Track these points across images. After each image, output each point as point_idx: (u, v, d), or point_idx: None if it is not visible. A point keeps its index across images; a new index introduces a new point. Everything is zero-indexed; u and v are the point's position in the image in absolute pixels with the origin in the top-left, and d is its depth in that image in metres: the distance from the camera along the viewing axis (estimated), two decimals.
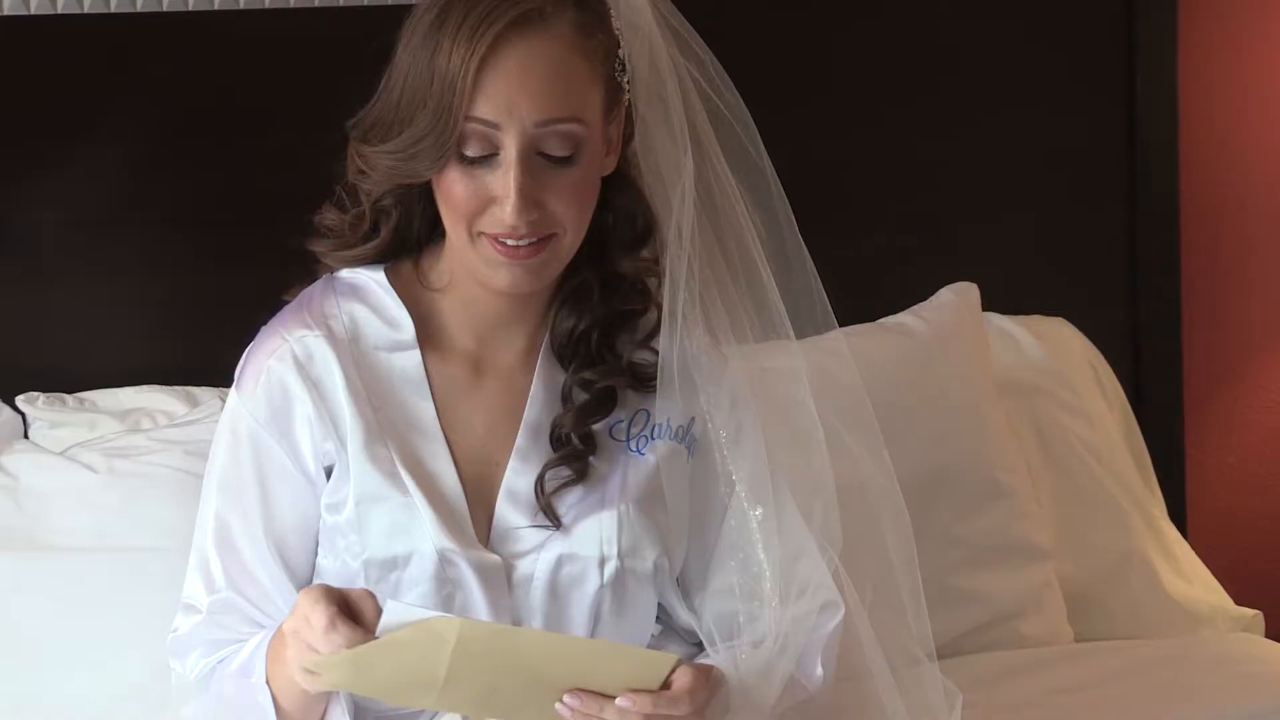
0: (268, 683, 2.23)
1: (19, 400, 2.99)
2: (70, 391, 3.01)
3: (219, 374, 2.47)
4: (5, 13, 2.98)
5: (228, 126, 3.07)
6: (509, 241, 2.21)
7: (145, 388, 3.02)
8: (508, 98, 2.17)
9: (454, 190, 2.22)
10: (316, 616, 2.09)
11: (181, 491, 2.73)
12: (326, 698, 2.25)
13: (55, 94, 3.01)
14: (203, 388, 3.00)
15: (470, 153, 2.20)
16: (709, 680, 2.17)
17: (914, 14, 3.43)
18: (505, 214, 2.19)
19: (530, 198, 2.19)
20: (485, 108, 2.18)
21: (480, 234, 2.23)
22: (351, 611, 2.10)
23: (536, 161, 2.20)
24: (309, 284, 2.40)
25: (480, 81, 2.17)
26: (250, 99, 3.08)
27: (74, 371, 3.03)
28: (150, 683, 2.59)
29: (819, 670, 2.29)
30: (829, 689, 2.31)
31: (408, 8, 2.27)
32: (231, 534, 2.32)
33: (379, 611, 2.09)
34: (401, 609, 2.08)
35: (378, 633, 2.07)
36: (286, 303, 2.40)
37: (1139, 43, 3.52)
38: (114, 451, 2.85)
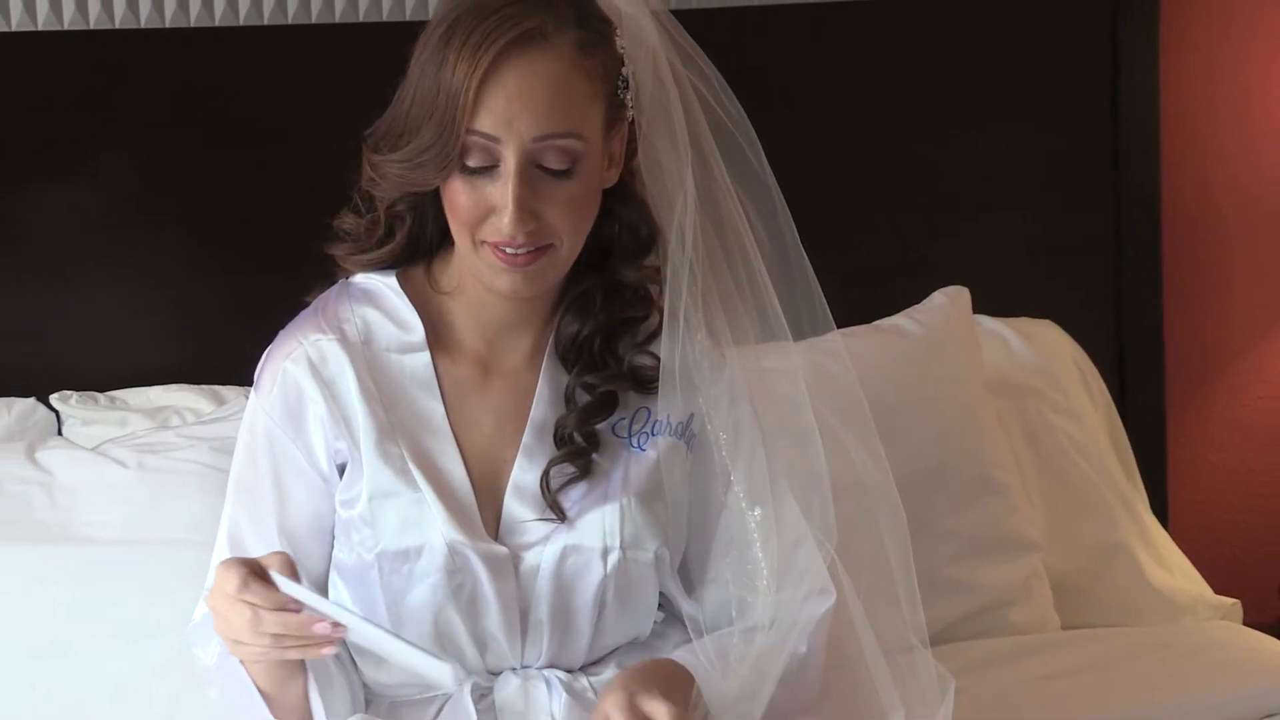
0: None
1: (53, 399, 2.99)
2: (102, 390, 3.01)
3: (242, 373, 2.45)
4: (39, 27, 2.98)
5: (249, 136, 3.06)
6: (508, 250, 2.19)
7: (174, 386, 3.01)
8: (507, 112, 2.15)
9: (457, 199, 2.20)
10: (228, 581, 2.06)
11: (208, 486, 2.71)
12: (300, 677, 2.21)
13: (87, 104, 3.01)
14: (229, 386, 3.00)
15: (472, 164, 2.18)
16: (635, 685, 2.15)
17: (908, 27, 3.41)
18: (503, 224, 2.17)
19: (527, 208, 2.17)
20: (486, 121, 2.15)
21: (482, 242, 2.20)
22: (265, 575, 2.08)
23: (534, 174, 2.18)
24: (327, 287, 2.38)
25: (481, 96, 2.15)
26: (272, 110, 3.07)
27: (105, 371, 3.02)
28: (176, 669, 2.58)
29: (803, 646, 2.26)
30: (820, 674, 2.29)
31: (425, 23, 2.24)
32: (241, 532, 2.31)
33: (291, 568, 2.08)
34: (287, 584, 2.07)
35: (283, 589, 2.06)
36: (306, 304, 2.38)
37: (1122, 55, 3.51)
38: (144, 448, 2.84)
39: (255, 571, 2.07)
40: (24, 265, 3.00)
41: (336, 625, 2.05)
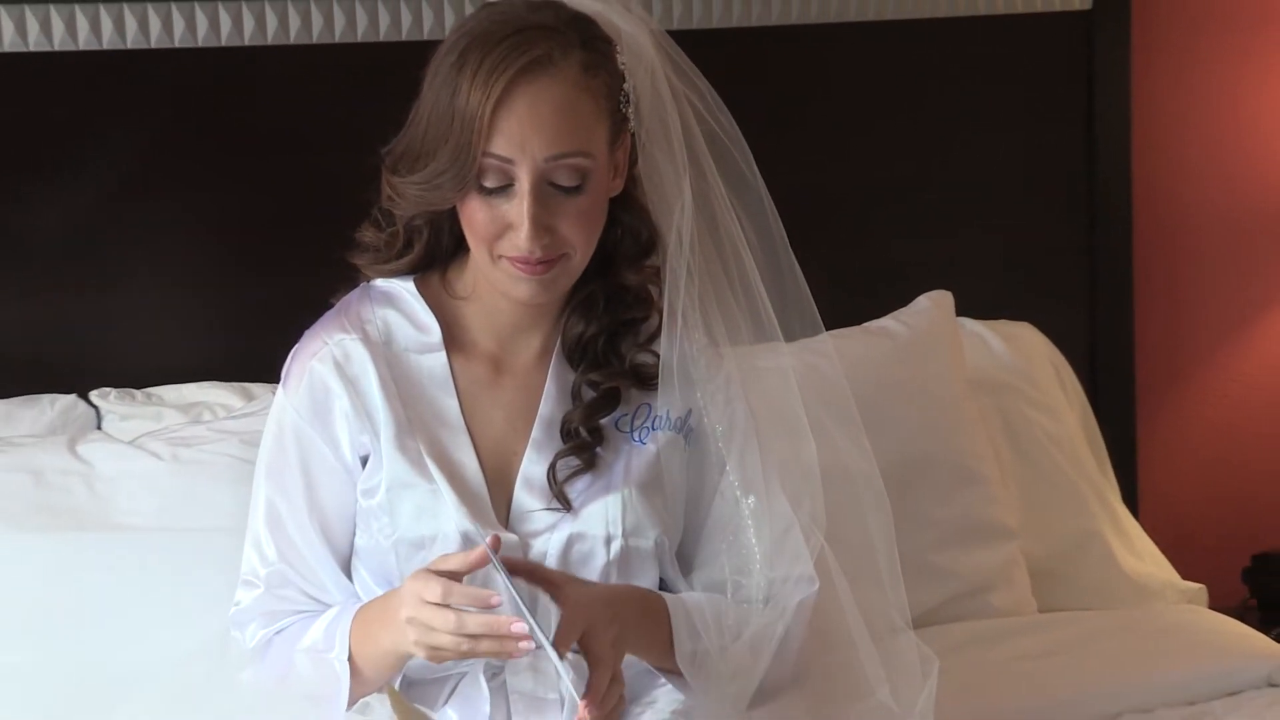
0: (351, 658, 2.22)
1: (93, 395, 2.99)
2: (138, 387, 3.01)
3: (270, 371, 2.44)
4: (80, 47, 2.99)
5: (277, 149, 3.07)
6: (524, 262, 2.19)
7: (206, 384, 3.01)
8: (520, 136, 2.14)
9: (475, 217, 2.19)
10: (429, 590, 2.07)
11: (238, 477, 2.69)
12: (402, 669, 2.25)
13: (128, 117, 3.01)
14: (258, 384, 2.99)
15: (488, 184, 2.17)
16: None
17: (896, 49, 3.41)
18: (520, 240, 2.16)
19: (542, 224, 2.16)
20: (500, 145, 2.14)
21: (500, 256, 2.20)
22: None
23: (547, 191, 2.17)
24: (350, 290, 2.37)
25: (495, 121, 2.13)
26: (299, 124, 3.08)
27: (142, 369, 3.02)
28: (207, 650, 2.55)
29: (781, 628, 2.25)
30: (796, 656, 2.27)
31: (438, 42, 2.23)
32: (279, 514, 2.30)
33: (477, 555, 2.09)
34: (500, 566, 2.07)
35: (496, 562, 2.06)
36: (331, 306, 2.37)
37: (1096, 77, 3.51)
38: (178, 441, 2.83)
39: (448, 575, 2.08)
40: (67, 270, 3.00)
41: (522, 637, 2.03)
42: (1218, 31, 3.65)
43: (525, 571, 2.13)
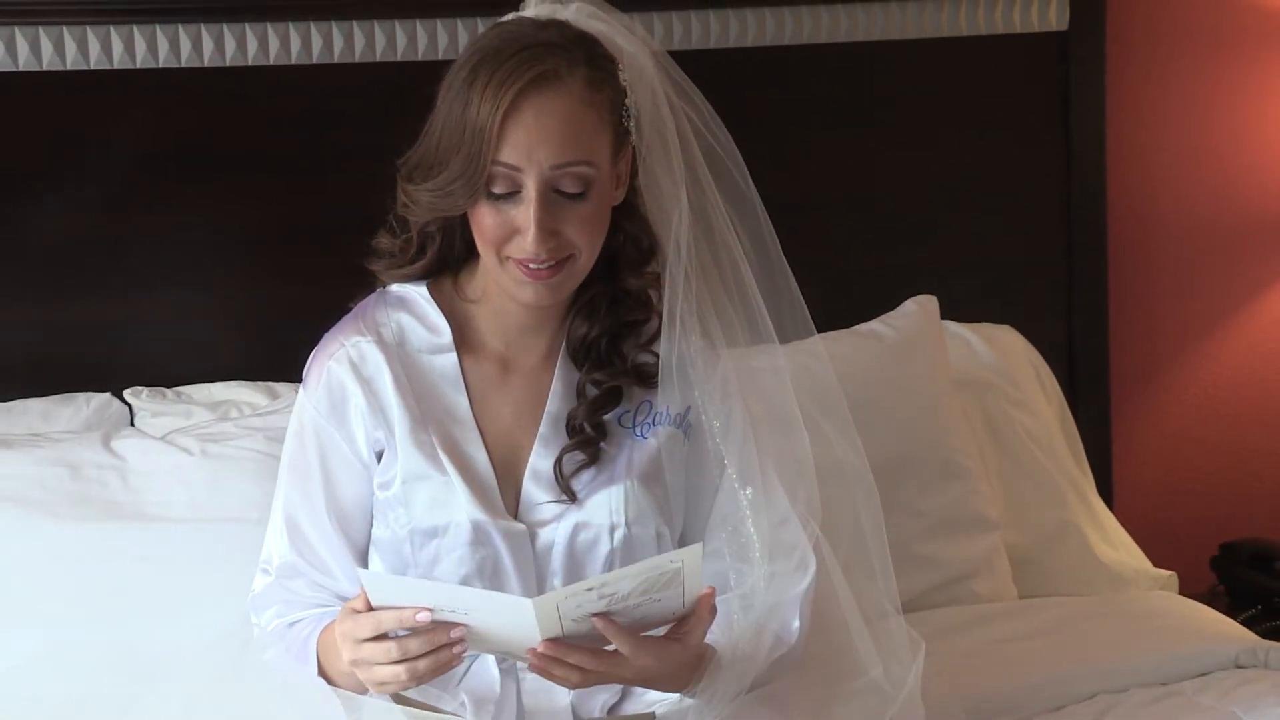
0: (322, 673, 2.23)
1: (126, 393, 2.99)
2: (169, 386, 3.01)
3: (292, 372, 2.44)
4: (114, 65, 2.99)
5: (298, 165, 3.07)
6: (531, 265, 2.18)
7: (233, 383, 3.02)
8: (527, 145, 2.14)
9: (484, 222, 2.19)
10: (360, 629, 2.09)
11: (263, 471, 2.70)
12: None
13: (162, 135, 3.02)
14: (281, 383, 2.99)
15: (497, 190, 2.17)
16: (666, 651, 2.13)
17: (886, 67, 3.41)
18: (527, 243, 2.16)
19: (548, 229, 2.16)
20: (509, 154, 2.14)
21: (507, 258, 2.19)
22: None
23: (553, 198, 2.16)
24: (367, 295, 2.36)
25: (504, 132, 2.13)
26: (318, 140, 3.08)
27: (173, 369, 3.03)
28: (233, 633, 2.54)
29: (796, 623, 2.25)
30: (805, 639, 2.26)
31: (449, 63, 2.23)
32: (296, 510, 2.31)
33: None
34: (371, 578, 2.10)
35: (374, 601, 2.07)
36: (349, 310, 2.36)
37: (1073, 94, 3.50)
38: (206, 437, 2.83)
39: (360, 609, 2.09)
40: (102, 277, 3.01)
41: (458, 641, 2.05)
42: (1187, 50, 3.65)
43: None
